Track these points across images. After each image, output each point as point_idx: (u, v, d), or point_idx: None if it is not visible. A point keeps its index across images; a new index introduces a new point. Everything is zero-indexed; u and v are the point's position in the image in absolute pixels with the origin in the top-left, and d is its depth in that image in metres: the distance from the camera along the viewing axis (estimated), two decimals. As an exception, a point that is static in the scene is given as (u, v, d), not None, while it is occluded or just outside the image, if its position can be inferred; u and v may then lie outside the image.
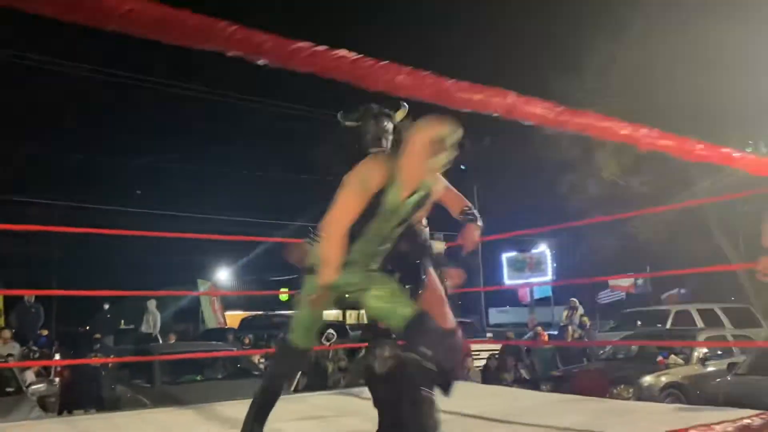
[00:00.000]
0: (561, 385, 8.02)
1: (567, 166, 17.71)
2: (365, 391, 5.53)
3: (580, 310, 12.50)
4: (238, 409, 4.57)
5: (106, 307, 13.75)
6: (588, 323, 11.52)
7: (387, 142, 3.10)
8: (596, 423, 3.67)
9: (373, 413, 4.14)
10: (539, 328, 13.05)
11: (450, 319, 3.12)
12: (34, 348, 11.62)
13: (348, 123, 3.18)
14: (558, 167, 18.04)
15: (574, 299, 13.54)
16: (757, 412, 3.54)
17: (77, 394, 9.91)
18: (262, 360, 11.09)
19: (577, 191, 17.56)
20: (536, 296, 27.05)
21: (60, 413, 9.56)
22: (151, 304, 13.78)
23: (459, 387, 3.27)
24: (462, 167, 21.75)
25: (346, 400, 4.93)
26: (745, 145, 16.76)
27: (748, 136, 15.92)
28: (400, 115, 3.23)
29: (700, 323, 12.25)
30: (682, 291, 26.50)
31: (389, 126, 3.16)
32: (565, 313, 12.90)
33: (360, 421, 3.64)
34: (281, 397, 6.46)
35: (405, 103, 3.24)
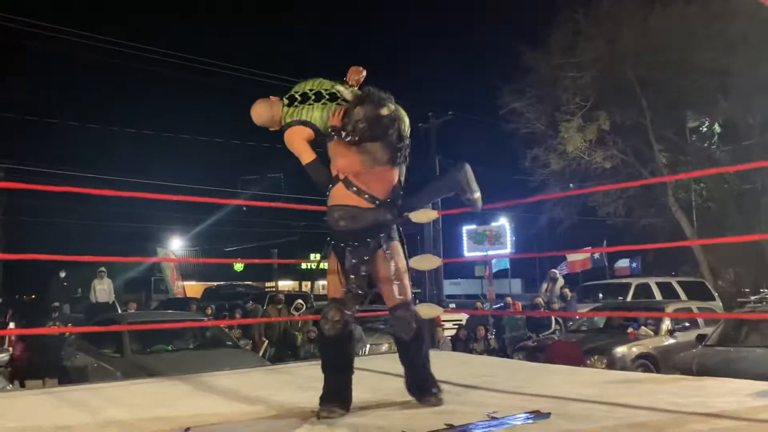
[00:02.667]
0: (535, 355, 8.13)
1: (530, 141, 17.84)
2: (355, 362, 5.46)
3: (561, 282, 12.65)
4: (234, 379, 4.45)
5: (63, 275, 13.23)
6: (569, 295, 11.70)
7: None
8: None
9: (372, 382, 4.07)
10: (509, 299, 13.20)
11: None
12: (-14, 316, 11.14)
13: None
14: (521, 141, 18.16)
15: (555, 270, 13.68)
16: None
17: (34, 364, 9.54)
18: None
19: (539, 165, 17.73)
20: (494, 269, 27.44)
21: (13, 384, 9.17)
22: (104, 274, 13.37)
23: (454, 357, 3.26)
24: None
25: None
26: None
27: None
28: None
29: (658, 296, 12.59)
30: (633, 265, 27.31)
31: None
32: (544, 285, 13.04)
33: (360, 391, 3.54)
34: (267, 368, 6.33)
35: None
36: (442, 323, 10.78)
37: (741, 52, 13.77)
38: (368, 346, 10.42)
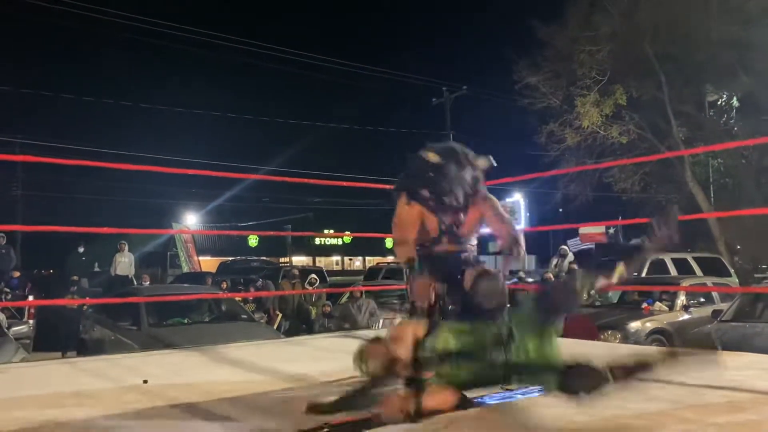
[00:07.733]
0: (548, 330, 8.10)
1: (545, 116, 17.65)
2: (368, 334, 5.50)
3: (570, 257, 12.62)
4: (248, 351, 4.50)
5: (81, 249, 13.41)
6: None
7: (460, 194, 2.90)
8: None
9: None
10: (522, 274, 13.16)
11: None
12: (7, 290, 11.29)
13: (432, 158, 2.88)
14: (536, 116, 17.96)
15: (565, 247, 13.62)
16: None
17: (53, 336, 9.70)
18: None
19: (554, 140, 17.56)
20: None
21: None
22: (125, 247, 13.49)
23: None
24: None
25: (351, 342, 4.85)
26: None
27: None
28: (482, 164, 2.99)
29: (674, 272, 12.49)
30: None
31: (468, 176, 2.92)
32: (554, 261, 13.00)
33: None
34: (282, 340, 6.39)
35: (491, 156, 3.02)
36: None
37: (760, 26, 13.49)
38: (382, 320, 10.48)
